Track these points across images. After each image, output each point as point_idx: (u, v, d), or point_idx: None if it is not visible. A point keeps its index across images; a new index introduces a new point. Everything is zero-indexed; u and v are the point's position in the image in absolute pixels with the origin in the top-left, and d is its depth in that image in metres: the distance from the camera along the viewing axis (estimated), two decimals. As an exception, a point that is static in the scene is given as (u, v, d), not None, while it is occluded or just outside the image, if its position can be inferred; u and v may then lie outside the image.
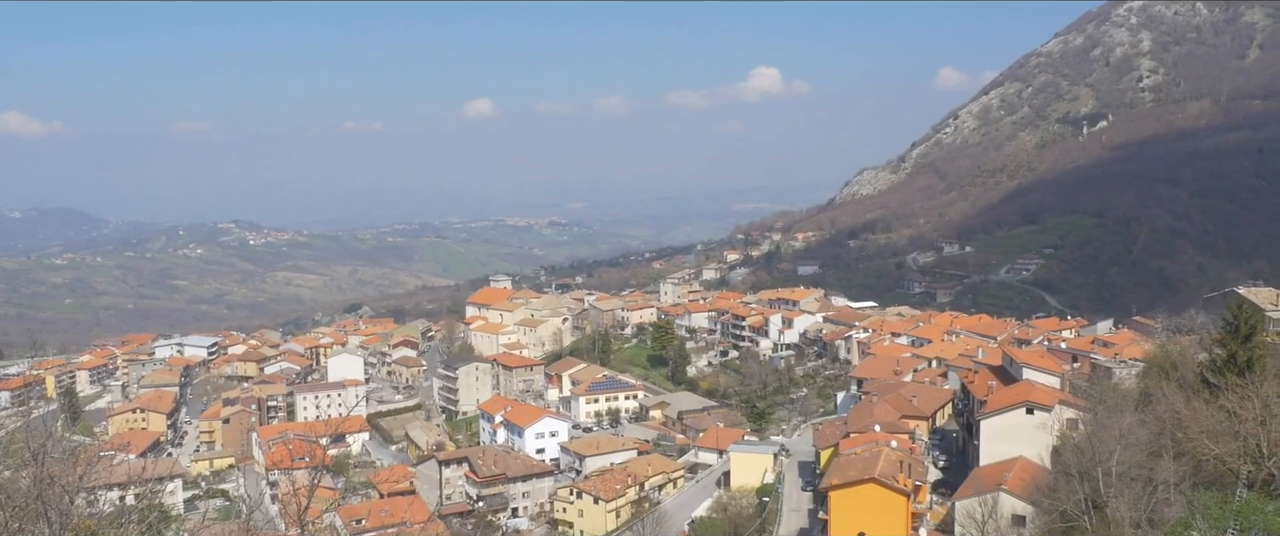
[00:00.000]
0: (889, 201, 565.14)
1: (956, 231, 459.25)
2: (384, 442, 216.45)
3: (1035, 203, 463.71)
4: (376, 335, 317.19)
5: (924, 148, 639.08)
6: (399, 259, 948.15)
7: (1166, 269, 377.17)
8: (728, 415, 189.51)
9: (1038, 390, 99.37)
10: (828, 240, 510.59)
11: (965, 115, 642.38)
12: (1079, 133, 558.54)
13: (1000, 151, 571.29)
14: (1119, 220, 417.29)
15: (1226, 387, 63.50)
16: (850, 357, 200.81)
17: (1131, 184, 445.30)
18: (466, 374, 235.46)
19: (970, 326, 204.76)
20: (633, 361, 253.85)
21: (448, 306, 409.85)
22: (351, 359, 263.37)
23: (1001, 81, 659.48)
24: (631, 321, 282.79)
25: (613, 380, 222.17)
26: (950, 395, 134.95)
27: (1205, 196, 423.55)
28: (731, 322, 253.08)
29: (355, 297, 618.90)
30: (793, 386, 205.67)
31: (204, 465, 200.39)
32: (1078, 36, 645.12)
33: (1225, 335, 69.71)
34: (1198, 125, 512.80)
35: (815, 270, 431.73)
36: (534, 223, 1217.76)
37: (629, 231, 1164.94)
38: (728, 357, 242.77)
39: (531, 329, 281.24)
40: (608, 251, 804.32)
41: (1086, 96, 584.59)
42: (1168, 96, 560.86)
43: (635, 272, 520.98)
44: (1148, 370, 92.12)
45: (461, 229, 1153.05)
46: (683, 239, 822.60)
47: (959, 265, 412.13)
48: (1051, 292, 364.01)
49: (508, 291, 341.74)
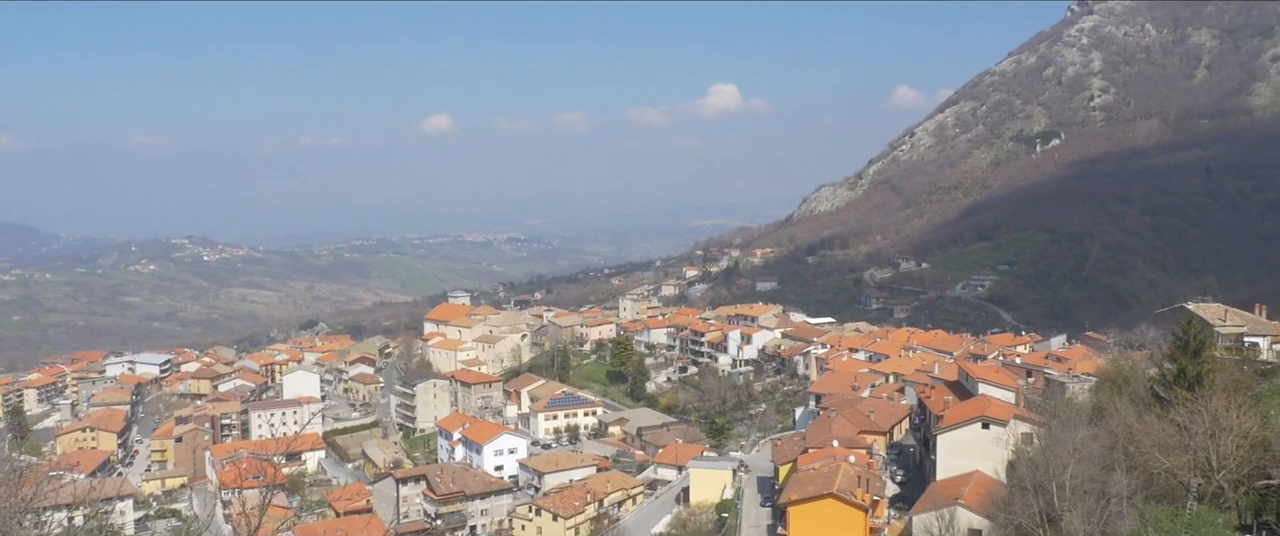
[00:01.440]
0: (847, 218, 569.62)
1: (913, 248, 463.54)
2: (340, 460, 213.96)
3: (990, 220, 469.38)
4: (333, 352, 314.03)
5: (881, 165, 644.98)
6: (356, 275, 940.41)
7: (1118, 285, 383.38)
8: (687, 431, 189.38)
9: (993, 405, 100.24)
10: (786, 256, 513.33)
11: (921, 133, 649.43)
12: (1032, 150, 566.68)
13: (955, 169, 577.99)
14: (1071, 237, 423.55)
15: (1177, 402, 64.45)
16: (808, 373, 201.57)
17: (1084, 201, 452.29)
18: (424, 391, 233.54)
19: (927, 342, 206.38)
20: (592, 378, 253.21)
21: (405, 323, 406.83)
22: (307, 376, 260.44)
23: (957, 100, 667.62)
24: (591, 337, 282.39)
25: (572, 396, 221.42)
26: (907, 410, 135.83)
27: (1155, 214, 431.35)
28: (691, 339, 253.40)
29: (311, 314, 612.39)
30: (752, 402, 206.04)
31: (155, 485, 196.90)
32: (1030, 56, 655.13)
33: (1175, 350, 70.79)
34: (1147, 144, 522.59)
35: (774, 286, 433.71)
36: (493, 238, 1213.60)
37: (588, 247, 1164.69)
38: (687, 373, 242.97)
39: (490, 345, 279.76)
40: (567, 267, 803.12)
41: (1039, 115, 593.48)
42: (1118, 115, 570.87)
43: (594, 289, 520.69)
44: (1100, 385, 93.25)
45: (420, 245, 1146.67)
46: (642, 255, 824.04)
47: (915, 281, 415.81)
48: (1006, 308, 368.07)
49: (466, 308, 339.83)
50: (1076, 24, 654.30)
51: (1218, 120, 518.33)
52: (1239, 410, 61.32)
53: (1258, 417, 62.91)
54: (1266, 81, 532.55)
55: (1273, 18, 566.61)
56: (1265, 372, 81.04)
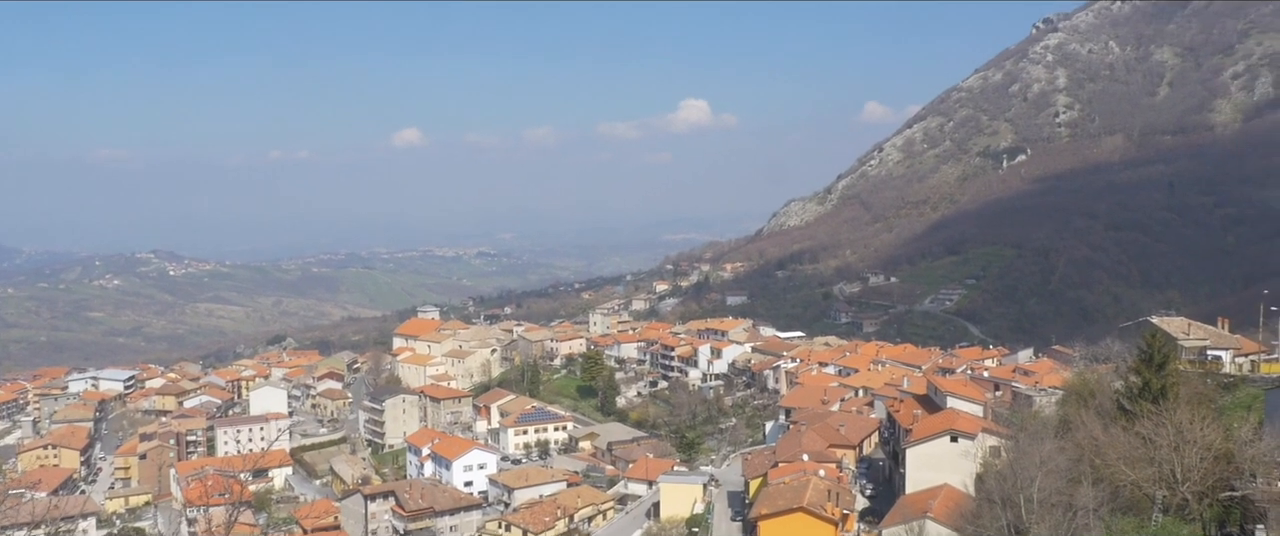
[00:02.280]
0: (816, 232, 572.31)
1: (882, 262, 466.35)
2: (308, 477, 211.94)
3: (957, 234, 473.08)
4: (301, 367, 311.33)
5: (850, 180, 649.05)
6: (325, 290, 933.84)
7: (1083, 299, 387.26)
8: (657, 445, 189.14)
9: (961, 418, 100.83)
10: (756, 271, 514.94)
11: (889, 148, 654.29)
12: (999, 166, 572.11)
13: (923, 184, 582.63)
14: (1038, 251, 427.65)
15: (1142, 415, 65.14)
16: (778, 387, 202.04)
17: (1049, 216, 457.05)
18: (393, 406, 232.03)
19: (896, 356, 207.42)
20: (562, 392, 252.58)
21: (374, 338, 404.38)
22: (274, 392, 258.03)
23: (924, 115, 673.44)
24: (561, 352, 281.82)
25: (542, 411, 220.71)
26: (877, 424, 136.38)
27: (1120, 228, 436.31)
28: (661, 353, 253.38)
29: (279, 329, 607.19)
30: (722, 416, 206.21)
31: (119, 503, 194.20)
32: (997, 73, 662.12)
33: (1140, 364, 71.51)
34: (1112, 159, 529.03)
35: (744, 300, 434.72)
36: (462, 253, 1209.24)
37: (558, 262, 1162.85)
38: (657, 388, 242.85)
39: (460, 360, 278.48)
40: (537, 282, 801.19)
41: (1006, 131, 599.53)
42: (1083, 131, 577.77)
43: (565, 303, 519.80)
44: (1067, 398, 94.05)
45: (389, 259, 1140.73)
46: (612, 269, 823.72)
47: (884, 295, 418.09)
48: (974, 322, 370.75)
49: (436, 322, 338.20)
50: (1042, 41, 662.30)
51: (1180, 136, 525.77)
52: (1202, 423, 62.05)
53: (1221, 430, 63.70)
54: (1227, 98, 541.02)
55: (1233, 36, 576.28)
56: (1228, 385, 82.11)
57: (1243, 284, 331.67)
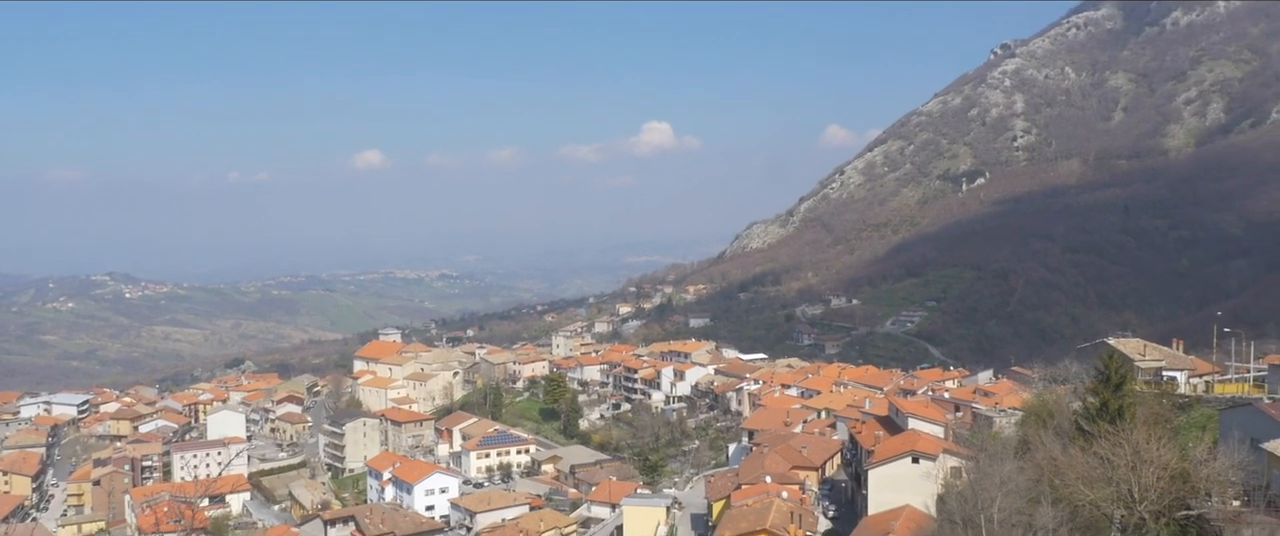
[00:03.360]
0: (778, 255, 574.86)
1: (843, 284, 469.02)
2: (266, 502, 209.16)
3: (918, 256, 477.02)
4: (260, 391, 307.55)
5: (811, 202, 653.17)
6: (284, 312, 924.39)
7: (1042, 320, 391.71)
8: (620, 468, 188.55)
9: (923, 439, 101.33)
10: (719, 293, 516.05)
11: (851, 171, 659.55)
12: (958, 189, 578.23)
13: (884, 206, 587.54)
14: (997, 273, 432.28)
15: (1099, 435, 65.75)
16: (741, 409, 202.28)
17: (1008, 239, 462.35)
18: (354, 429, 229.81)
19: (858, 377, 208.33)
20: (525, 415, 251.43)
21: (335, 361, 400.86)
22: (233, 416, 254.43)
23: (885, 139, 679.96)
24: (523, 375, 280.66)
25: (504, 434, 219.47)
26: (839, 445, 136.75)
27: (1077, 251, 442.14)
28: (624, 375, 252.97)
29: (238, 352, 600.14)
30: (685, 438, 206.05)
31: (72, 530, 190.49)
32: (956, 97, 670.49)
33: (1098, 384, 72.24)
34: (1069, 183, 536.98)
35: (707, 323, 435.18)
36: (424, 275, 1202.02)
37: (521, 284, 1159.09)
38: (620, 410, 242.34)
39: (421, 383, 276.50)
40: (499, 304, 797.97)
41: (965, 154, 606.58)
42: (1040, 155, 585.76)
43: (527, 325, 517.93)
44: (1026, 419, 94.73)
45: (350, 281, 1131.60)
46: (575, 292, 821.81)
47: (846, 317, 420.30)
48: (934, 344, 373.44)
49: (397, 345, 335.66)
50: (999, 67, 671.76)
51: (1135, 161, 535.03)
52: (1159, 442, 62.74)
53: (1177, 449, 64.47)
54: (1180, 124, 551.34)
55: (1185, 63, 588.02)
56: (1183, 406, 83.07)
57: (1196, 305, 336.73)
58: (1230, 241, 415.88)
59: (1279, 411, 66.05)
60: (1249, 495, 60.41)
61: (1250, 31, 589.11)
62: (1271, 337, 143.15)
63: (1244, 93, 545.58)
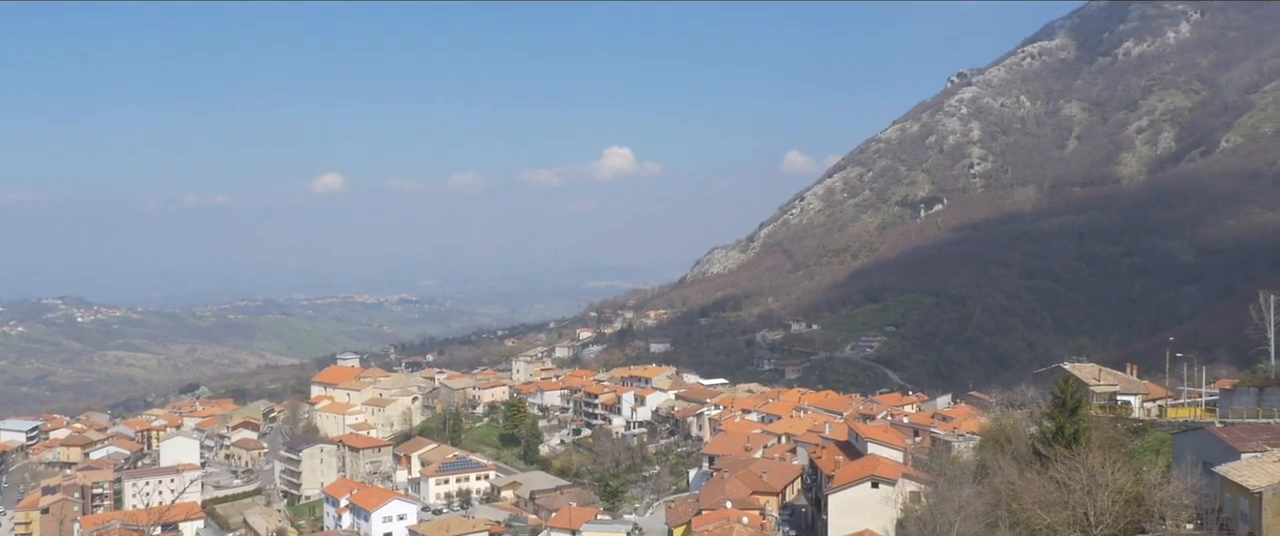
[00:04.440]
0: (739, 280, 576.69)
1: (804, 309, 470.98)
2: (221, 530, 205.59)
3: (877, 282, 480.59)
4: (215, 417, 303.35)
5: (772, 228, 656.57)
6: (241, 337, 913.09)
7: (999, 345, 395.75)
8: (580, 494, 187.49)
9: (882, 464, 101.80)
10: (679, 318, 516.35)
11: (811, 197, 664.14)
12: (917, 215, 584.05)
13: (844, 232, 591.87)
14: (955, 299, 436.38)
15: (1056, 459, 66.41)
16: (702, 434, 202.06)
17: (966, 265, 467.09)
18: (310, 456, 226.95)
19: (818, 402, 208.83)
20: (484, 441, 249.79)
21: (292, 386, 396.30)
22: (187, 442, 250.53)
23: (844, 165, 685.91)
24: (483, 400, 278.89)
25: (463, 460, 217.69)
26: (799, 470, 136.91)
27: (1032, 277, 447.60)
28: (584, 400, 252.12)
29: (193, 377, 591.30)
30: (645, 464, 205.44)
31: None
32: (914, 125, 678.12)
33: (1054, 409, 73.05)
34: (1025, 209, 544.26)
35: (667, 348, 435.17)
36: (384, 300, 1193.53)
37: (481, 309, 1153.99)
38: (580, 436, 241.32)
39: (380, 408, 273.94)
40: (459, 329, 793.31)
41: (923, 181, 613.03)
42: (997, 182, 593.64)
43: (487, 350, 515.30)
44: (984, 443, 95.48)
45: (308, 306, 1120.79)
46: (536, 317, 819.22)
47: (806, 342, 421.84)
48: (894, 369, 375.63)
49: (355, 370, 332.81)
50: (956, 95, 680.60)
51: (1089, 188, 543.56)
52: (1114, 466, 63.48)
53: (1131, 473, 65.24)
54: (1132, 152, 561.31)
55: (1136, 92, 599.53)
56: (1137, 430, 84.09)
57: (1149, 331, 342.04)
58: (1182, 268, 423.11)
59: (1230, 435, 67.02)
60: (1202, 518, 61.19)
61: (1200, 62, 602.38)
62: (1222, 362, 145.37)
63: (1194, 122, 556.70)
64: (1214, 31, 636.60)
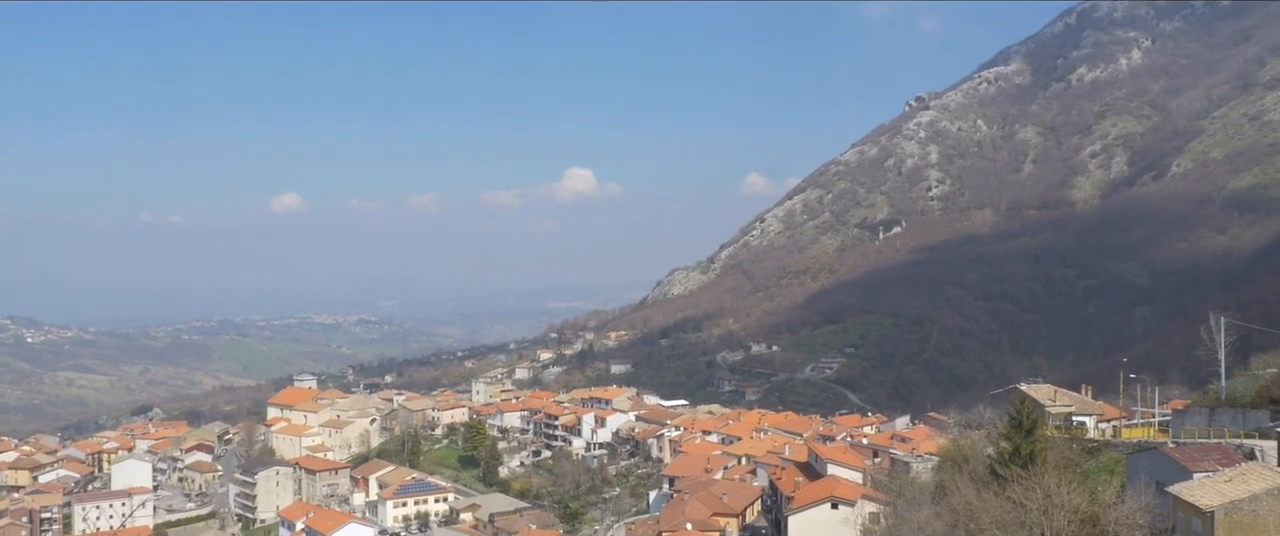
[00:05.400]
0: (700, 301, 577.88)
1: (764, 331, 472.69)
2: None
3: (836, 304, 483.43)
4: (168, 439, 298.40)
5: (732, 249, 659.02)
6: (196, 358, 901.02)
7: (957, 366, 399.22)
8: (540, 516, 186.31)
9: (842, 485, 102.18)
10: (640, 339, 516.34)
11: (771, 219, 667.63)
12: (876, 237, 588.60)
13: (804, 254, 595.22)
14: (913, 320, 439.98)
15: (1013, 479, 66.84)
16: (662, 456, 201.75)
17: (924, 286, 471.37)
18: (266, 478, 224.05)
19: (778, 423, 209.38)
20: (443, 463, 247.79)
21: (247, 408, 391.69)
22: (139, 465, 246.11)
23: (804, 188, 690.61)
24: (442, 421, 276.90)
25: (422, 482, 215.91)
26: (759, 492, 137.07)
27: (990, 299, 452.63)
28: (544, 422, 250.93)
29: (146, 399, 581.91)
30: (605, 486, 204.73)
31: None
32: (873, 148, 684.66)
33: (1010, 429, 73.52)
34: (982, 232, 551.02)
35: (628, 369, 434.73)
36: (342, 320, 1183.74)
37: (441, 330, 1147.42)
38: (540, 457, 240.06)
39: (337, 430, 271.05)
40: (419, 350, 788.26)
41: (882, 203, 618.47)
42: (954, 205, 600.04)
43: (447, 372, 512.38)
44: (942, 464, 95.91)
45: (264, 326, 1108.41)
46: (496, 338, 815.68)
47: (766, 363, 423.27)
48: (853, 390, 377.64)
49: (313, 391, 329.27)
50: (914, 118, 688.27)
51: (1044, 211, 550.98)
52: (1069, 487, 63.95)
53: (1086, 493, 65.76)
54: (1086, 176, 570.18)
55: (1090, 118, 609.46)
56: (1092, 450, 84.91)
57: (1104, 352, 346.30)
58: (1135, 290, 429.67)
59: (1183, 456, 67.87)
60: (1155, 537, 61.79)
61: (1151, 88, 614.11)
62: (1175, 383, 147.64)
63: (1145, 147, 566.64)
64: (1165, 59, 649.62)
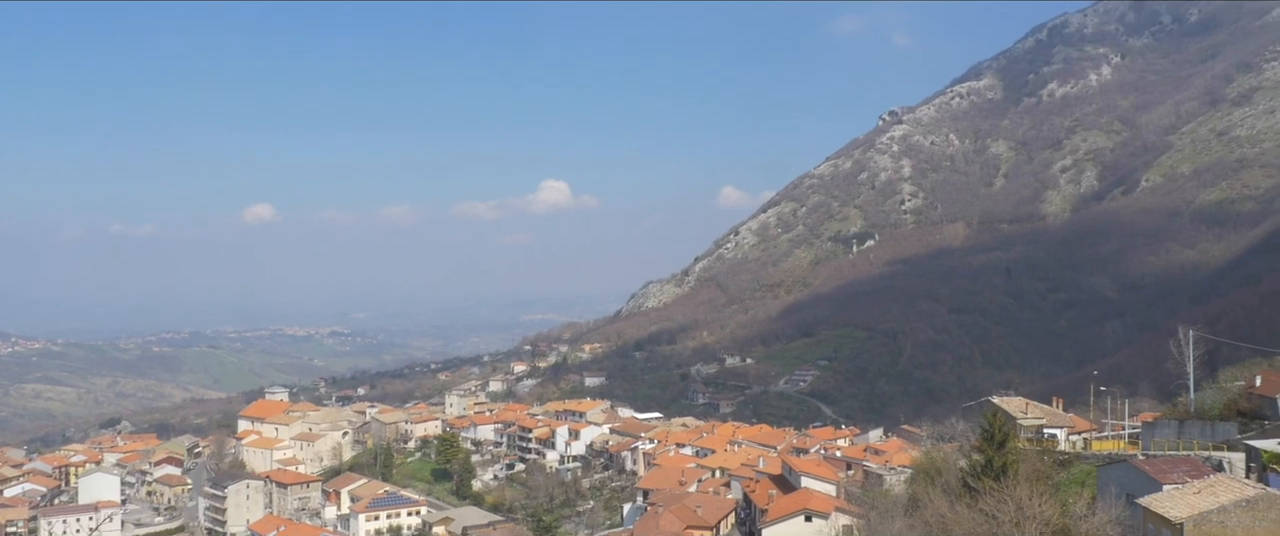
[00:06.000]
0: (674, 314, 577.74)
1: (738, 343, 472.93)
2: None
3: (810, 316, 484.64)
4: (137, 452, 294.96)
5: (707, 262, 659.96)
6: (166, 370, 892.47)
7: (930, 379, 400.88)
8: (514, 529, 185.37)
9: (815, 498, 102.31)
10: (614, 351, 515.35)
11: (745, 232, 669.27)
12: (849, 250, 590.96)
13: (778, 267, 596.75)
14: (887, 333, 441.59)
15: (985, 491, 67.23)
16: (636, 469, 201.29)
17: (897, 299, 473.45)
18: (236, 492, 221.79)
19: (752, 436, 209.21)
20: (416, 476, 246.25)
21: (218, 420, 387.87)
22: (107, 478, 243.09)
23: (778, 201, 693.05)
24: (416, 434, 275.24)
25: (395, 495, 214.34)
26: (733, 504, 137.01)
27: (962, 311, 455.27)
28: (518, 434, 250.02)
29: (114, 412, 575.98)
30: (579, 499, 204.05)
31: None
32: (846, 161, 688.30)
33: (982, 442, 74.02)
34: (954, 245, 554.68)
35: (602, 381, 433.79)
36: (315, 332, 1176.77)
37: (415, 342, 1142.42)
38: (514, 470, 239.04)
39: (309, 443, 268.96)
40: (392, 362, 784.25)
41: (855, 217, 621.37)
42: (927, 219, 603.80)
43: (420, 384, 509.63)
44: (915, 476, 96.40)
45: (236, 338, 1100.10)
46: (470, 350, 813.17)
47: (740, 376, 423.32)
48: (826, 402, 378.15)
49: (284, 404, 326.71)
50: (888, 132, 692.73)
51: (1016, 225, 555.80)
52: (1040, 498, 64.41)
53: (1057, 505, 66.24)
54: (1057, 190, 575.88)
55: (1060, 133, 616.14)
56: (1063, 462, 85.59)
57: (1075, 364, 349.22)
58: (1105, 303, 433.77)
59: (1153, 468, 68.48)
60: (1126, 549, 62.24)
61: (1120, 104, 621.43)
62: (1145, 395, 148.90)
63: (1115, 161, 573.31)
64: (1134, 75, 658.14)
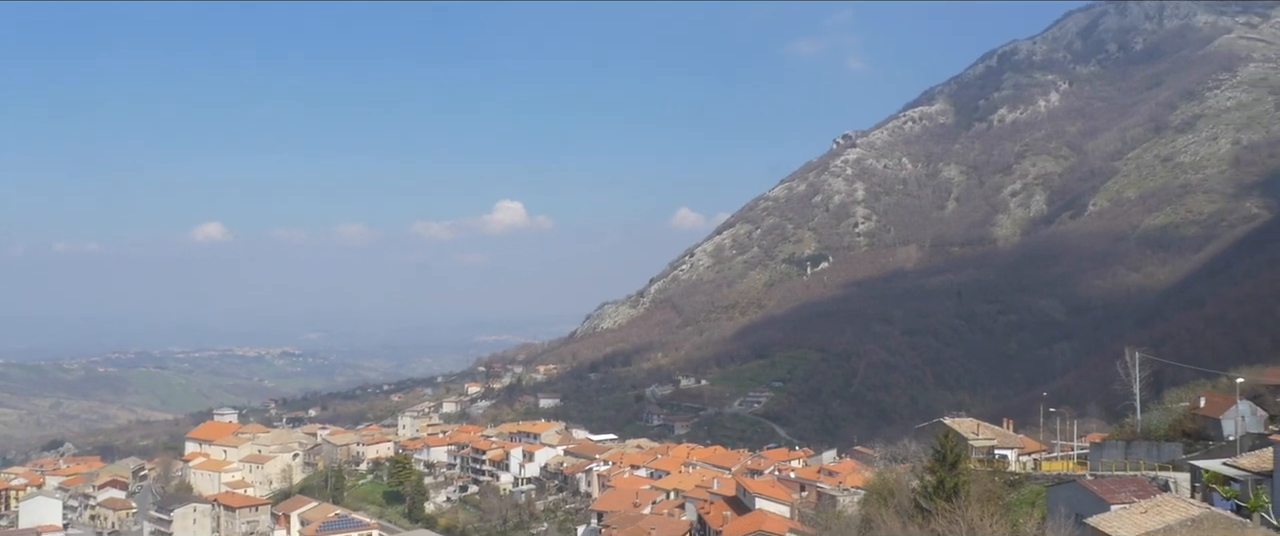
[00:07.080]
0: (629, 335, 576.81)
1: (693, 365, 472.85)
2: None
3: (765, 338, 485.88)
4: (80, 475, 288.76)
5: (662, 283, 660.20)
6: (111, 391, 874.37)
7: (883, 400, 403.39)
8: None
9: (770, 519, 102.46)
10: (569, 372, 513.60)
11: (700, 253, 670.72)
12: (803, 272, 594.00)
13: (733, 289, 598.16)
14: (840, 355, 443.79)
15: (937, 512, 67.72)
16: (591, 490, 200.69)
17: (851, 321, 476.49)
18: (183, 516, 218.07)
19: (706, 458, 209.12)
20: (368, 498, 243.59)
21: (164, 443, 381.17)
22: (48, 502, 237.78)
23: (733, 222, 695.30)
24: (368, 456, 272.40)
25: (346, 519, 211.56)
26: (688, 526, 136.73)
27: (915, 333, 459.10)
28: (472, 456, 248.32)
29: (57, 433, 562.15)
30: (533, 521, 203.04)
31: None
32: (801, 184, 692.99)
33: (934, 463, 74.63)
34: (907, 267, 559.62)
35: (557, 403, 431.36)
36: (265, 353, 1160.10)
37: (368, 363, 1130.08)
38: (468, 492, 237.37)
39: (258, 465, 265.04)
40: (344, 383, 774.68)
41: (810, 239, 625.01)
42: (880, 241, 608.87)
43: (373, 405, 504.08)
44: (868, 497, 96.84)
45: (184, 359, 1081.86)
46: (424, 371, 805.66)
47: (695, 397, 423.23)
48: (781, 424, 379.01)
49: (233, 426, 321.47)
50: (842, 156, 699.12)
51: (967, 248, 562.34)
52: (992, 519, 64.99)
53: (1008, 526, 66.90)
54: (1007, 214, 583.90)
55: (1010, 157, 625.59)
56: (1014, 483, 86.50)
57: (1025, 386, 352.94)
58: (1055, 325, 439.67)
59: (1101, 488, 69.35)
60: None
61: (1068, 130, 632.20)
62: (1093, 416, 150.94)
63: (1063, 186, 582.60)
64: (1081, 102, 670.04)
